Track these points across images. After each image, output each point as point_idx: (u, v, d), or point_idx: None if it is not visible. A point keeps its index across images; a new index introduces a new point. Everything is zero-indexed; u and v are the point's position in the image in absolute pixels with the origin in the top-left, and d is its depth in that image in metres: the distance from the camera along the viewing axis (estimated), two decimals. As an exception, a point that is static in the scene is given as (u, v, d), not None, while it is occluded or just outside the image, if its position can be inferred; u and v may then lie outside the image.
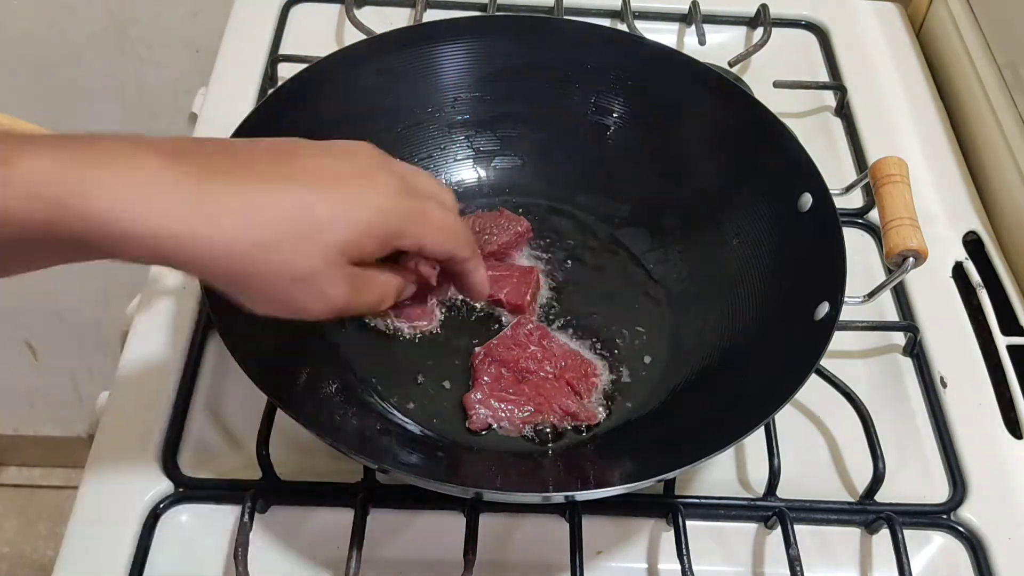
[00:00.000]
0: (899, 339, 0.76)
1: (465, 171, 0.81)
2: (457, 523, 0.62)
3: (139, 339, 0.72)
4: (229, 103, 0.86)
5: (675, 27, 0.99)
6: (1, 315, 1.55)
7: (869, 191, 0.74)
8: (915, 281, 0.78)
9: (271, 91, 0.84)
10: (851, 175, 0.86)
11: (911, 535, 0.64)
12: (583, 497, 0.62)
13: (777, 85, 0.92)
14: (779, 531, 0.63)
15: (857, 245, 0.81)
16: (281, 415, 0.64)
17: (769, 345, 0.67)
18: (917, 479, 0.68)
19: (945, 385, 0.73)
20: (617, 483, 0.61)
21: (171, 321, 0.73)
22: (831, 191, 0.68)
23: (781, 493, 0.66)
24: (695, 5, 0.97)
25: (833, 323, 0.62)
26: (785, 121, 0.74)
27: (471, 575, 0.59)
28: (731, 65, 0.93)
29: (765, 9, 0.98)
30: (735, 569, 0.64)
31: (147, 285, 0.75)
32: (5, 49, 1.25)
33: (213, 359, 0.71)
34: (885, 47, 0.99)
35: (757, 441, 0.66)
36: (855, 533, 0.66)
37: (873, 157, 0.84)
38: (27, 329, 1.59)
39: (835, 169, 0.87)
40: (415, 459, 0.63)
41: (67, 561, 0.61)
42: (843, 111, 0.92)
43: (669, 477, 0.64)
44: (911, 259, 0.65)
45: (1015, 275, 0.81)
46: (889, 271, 0.71)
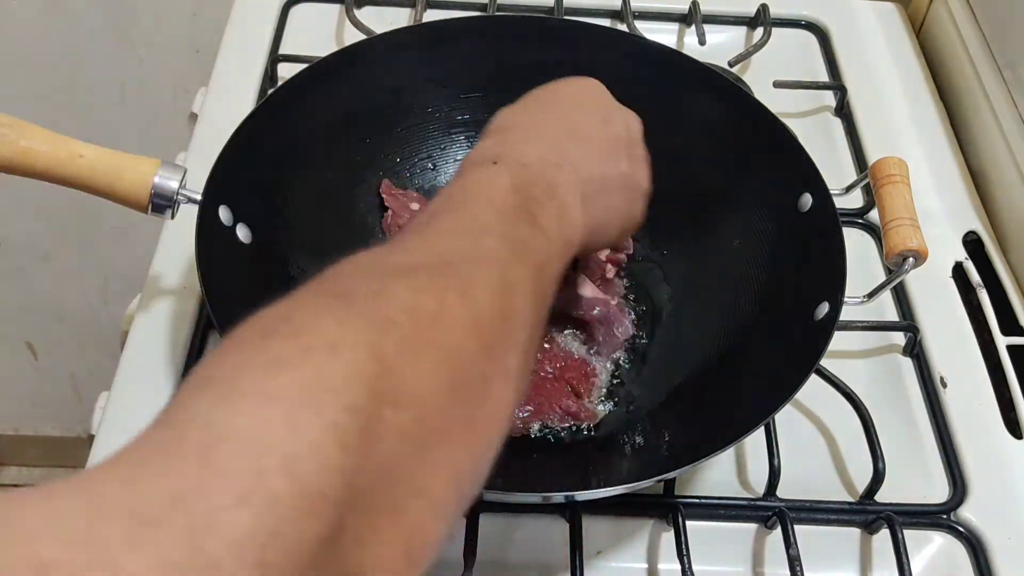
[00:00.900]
0: (899, 339, 0.76)
1: (465, 171, 0.81)
2: (457, 523, 0.62)
3: (139, 339, 0.72)
4: (229, 103, 0.86)
5: (675, 27, 0.99)
6: (1, 315, 1.55)
7: (869, 191, 0.74)
8: (915, 281, 0.78)
9: (271, 91, 0.84)
10: (851, 175, 0.86)
11: (911, 535, 0.64)
12: (583, 497, 0.62)
13: (777, 85, 0.92)
14: (779, 531, 0.63)
15: (857, 245, 0.81)
16: (281, 415, 0.64)
17: (769, 345, 0.67)
18: (917, 479, 0.68)
19: (945, 385, 0.73)
20: (617, 483, 0.61)
21: (171, 321, 0.73)
22: (831, 191, 0.68)
23: (781, 493, 0.66)
24: (695, 5, 0.97)
25: (833, 323, 0.62)
26: (785, 121, 0.74)
27: (471, 575, 0.59)
28: (731, 65, 0.93)
29: (765, 9, 0.98)
30: (735, 569, 0.64)
31: (147, 285, 0.75)
32: (5, 49, 1.25)
33: (213, 359, 0.71)
34: (885, 47, 0.99)
35: (757, 441, 0.66)
36: (855, 533, 0.66)
37: (873, 157, 0.84)
38: (27, 329, 1.59)
39: (835, 169, 0.87)
40: (415, 459, 0.63)
41: (67, 561, 0.61)
42: (843, 111, 0.92)
43: (669, 477, 0.64)
44: (911, 259, 0.65)
45: (1015, 275, 0.81)
46: (889, 271, 0.71)
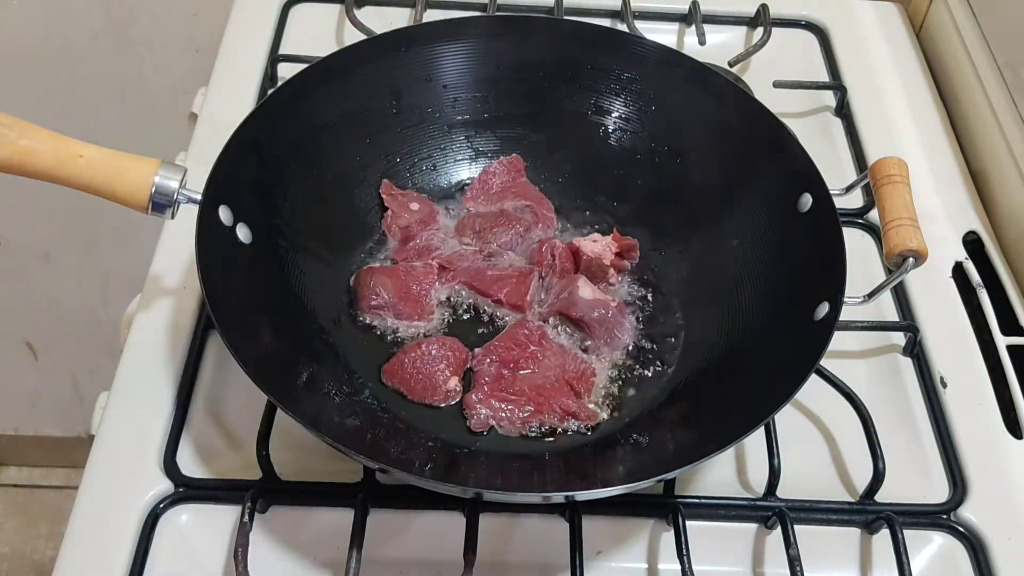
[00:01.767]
0: (899, 339, 0.76)
1: (465, 171, 0.81)
2: (457, 523, 0.62)
3: (139, 339, 0.72)
4: (229, 103, 0.86)
5: (675, 27, 0.99)
6: (1, 315, 1.55)
7: (869, 191, 0.74)
8: (915, 281, 0.78)
9: (271, 91, 0.84)
10: (851, 175, 0.86)
11: (911, 535, 0.64)
12: (583, 497, 0.62)
13: (777, 85, 0.92)
14: (779, 531, 0.63)
15: (857, 245, 0.81)
16: (281, 415, 0.64)
17: (769, 345, 0.67)
18: (917, 479, 0.68)
19: (945, 385, 0.73)
20: (617, 483, 0.61)
21: (171, 321, 0.73)
22: (831, 191, 0.68)
23: (781, 493, 0.66)
24: (695, 5, 0.97)
25: (833, 323, 0.62)
26: (785, 121, 0.74)
27: (471, 575, 0.59)
28: (731, 65, 0.93)
29: (765, 9, 0.98)
30: (735, 569, 0.64)
31: (147, 285, 0.75)
32: (5, 49, 1.25)
33: (213, 359, 0.71)
34: (885, 47, 0.99)
35: (757, 441, 0.66)
36: (855, 533, 0.66)
37: (873, 157, 0.84)
38: (27, 329, 1.59)
39: (835, 169, 0.87)
40: (415, 459, 0.63)
41: (67, 561, 0.61)
42: (843, 111, 0.92)
43: (669, 477, 0.64)
44: (911, 259, 0.65)
45: (1015, 275, 0.81)
46: (889, 271, 0.71)
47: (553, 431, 0.67)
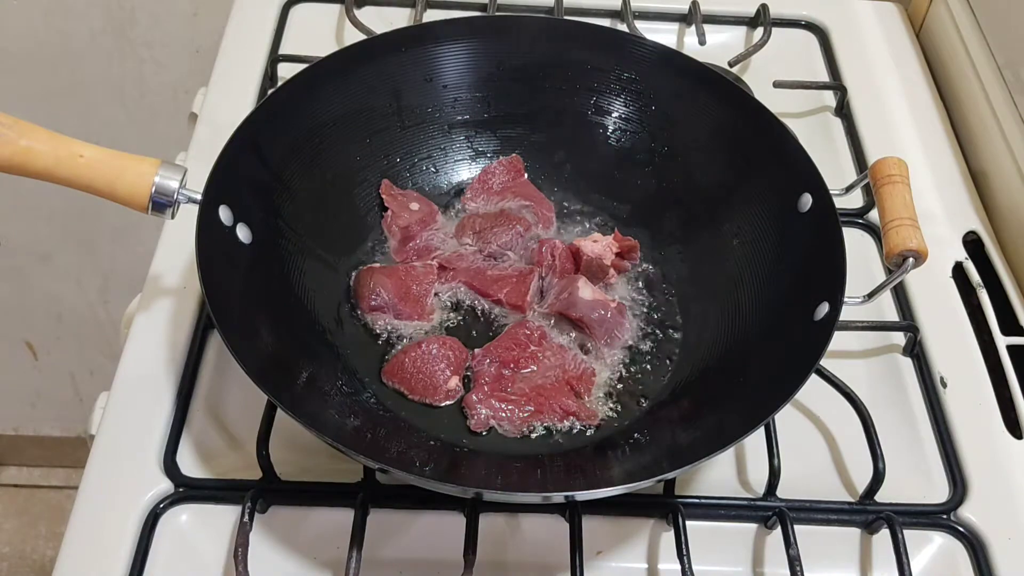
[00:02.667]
0: (899, 339, 0.76)
1: (465, 171, 0.81)
2: (457, 523, 0.62)
3: (139, 339, 0.72)
4: (229, 103, 0.86)
5: (675, 27, 0.99)
6: (1, 315, 1.55)
7: (869, 191, 0.74)
8: (915, 281, 0.78)
9: (271, 91, 0.84)
10: (851, 175, 0.86)
11: (911, 535, 0.64)
12: (583, 497, 0.62)
13: (777, 85, 0.92)
14: (779, 531, 0.63)
15: (857, 245, 0.81)
16: (281, 415, 0.64)
17: (769, 345, 0.67)
18: (917, 479, 0.68)
19: (945, 385, 0.73)
20: (617, 483, 0.61)
21: (171, 321, 0.73)
22: (831, 191, 0.68)
23: (781, 493, 0.66)
24: (695, 5, 0.97)
25: (833, 323, 0.62)
26: (785, 121, 0.74)
27: (471, 575, 0.59)
28: (731, 65, 0.93)
29: (765, 9, 0.98)
30: (735, 569, 0.64)
31: (147, 285, 0.75)
32: (5, 49, 1.25)
33: (213, 359, 0.71)
34: (885, 47, 0.99)
35: (757, 441, 0.66)
36: (855, 533, 0.66)
37: (873, 157, 0.84)
38: (27, 329, 1.59)
39: (835, 169, 0.87)
40: (415, 459, 0.63)
41: (67, 561, 0.61)
42: (843, 111, 0.92)
43: (669, 477, 0.64)
44: (911, 259, 0.65)
45: (1015, 275, 0.81)
46: (889, 271, 0.71)
47: (553, 431, 0.67)
